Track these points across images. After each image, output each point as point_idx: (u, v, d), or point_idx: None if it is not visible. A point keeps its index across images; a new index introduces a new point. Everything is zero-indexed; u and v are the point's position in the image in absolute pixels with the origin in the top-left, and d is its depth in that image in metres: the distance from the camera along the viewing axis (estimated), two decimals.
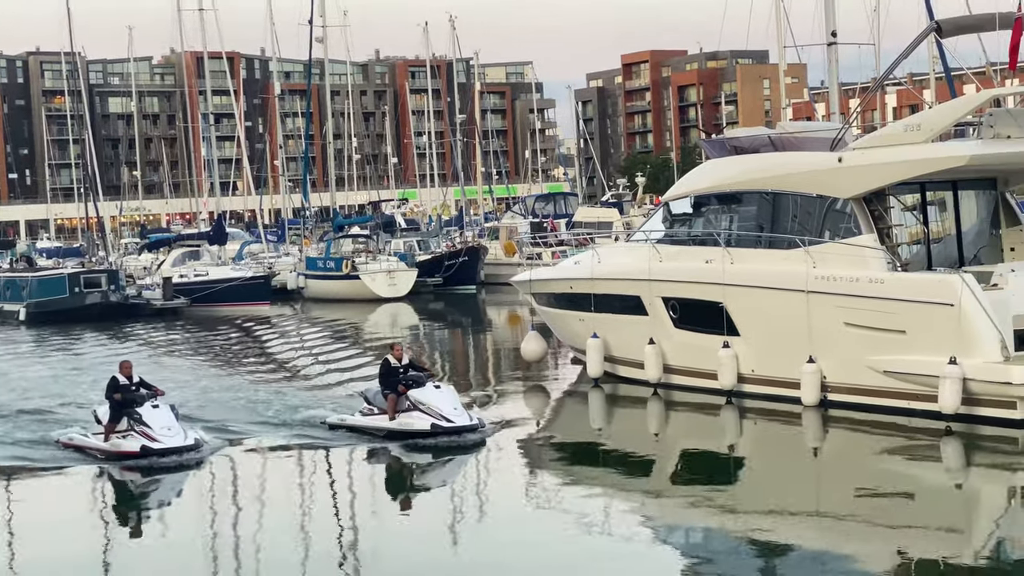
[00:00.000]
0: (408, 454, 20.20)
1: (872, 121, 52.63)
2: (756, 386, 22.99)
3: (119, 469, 19.80)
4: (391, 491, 18.82)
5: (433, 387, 21.17)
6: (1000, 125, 21.01)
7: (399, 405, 21.01)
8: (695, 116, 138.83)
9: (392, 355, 21.61)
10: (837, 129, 23.35)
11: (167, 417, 20.37)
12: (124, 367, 20.95)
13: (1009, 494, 17.23)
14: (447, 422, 20.47)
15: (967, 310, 19.84)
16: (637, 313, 25.21)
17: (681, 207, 25.81)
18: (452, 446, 20.17)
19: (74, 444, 21.21)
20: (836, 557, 14.01)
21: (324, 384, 27.63)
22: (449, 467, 19.80)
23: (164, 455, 19.75)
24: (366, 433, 21.29)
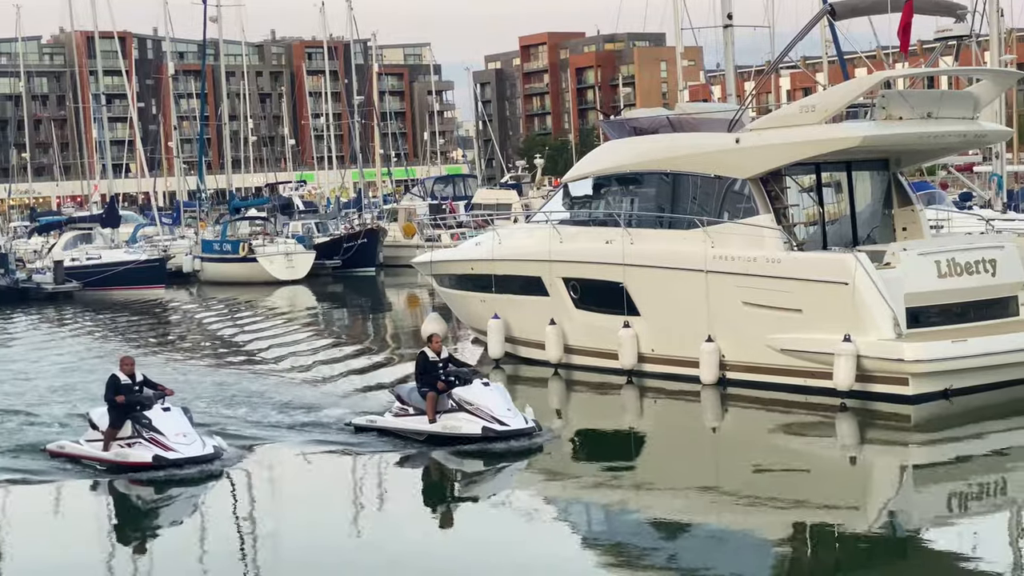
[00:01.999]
0: (456, 461, 17.81)
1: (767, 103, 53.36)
2: (656, 365, 23.22)
3: (126, 482, 17.16)
4: (439, 505, 16.41)
5: (481, 384, 18.72)
6: (892, 107, 21.42)
7: (440, 405, 18.66)
8: (593, 98, 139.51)
9: (430, 348, 19.13)
10: (734, 111, 23.61)
11: (181, 422, 17.66)
12: (125, 363, 18.11)
13: (901, 469, 17.62)
14: (500, 425, 18.11)
15: (861, 289, 20.22)
16: (538, 294, 25.29)
17: (581, 188, 25.92)
18: (504, 452, 17.85)
19: (66, 453, 18.33)
20: (735, 532, 14.22)
21: (280, 373, 26.43)
22: (502, 477, 17.46)
23: (180, 466, 17.06)
24: (400, 436, 18.86)
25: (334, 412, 20.94)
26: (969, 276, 21.12)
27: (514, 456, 17.79)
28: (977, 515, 14.76)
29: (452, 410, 18.50)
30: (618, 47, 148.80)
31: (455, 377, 18.82)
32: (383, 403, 20.83)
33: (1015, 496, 15.55)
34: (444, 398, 18.59)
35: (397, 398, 19.54)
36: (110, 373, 18.28)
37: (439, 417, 18.50)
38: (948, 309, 21.03)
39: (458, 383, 18.68)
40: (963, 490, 15.72)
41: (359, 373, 26.23)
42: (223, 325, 38.08)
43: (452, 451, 18.02)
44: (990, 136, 26.45)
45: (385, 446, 18.61)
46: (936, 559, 13.05)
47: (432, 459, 17.99)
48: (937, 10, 24.13)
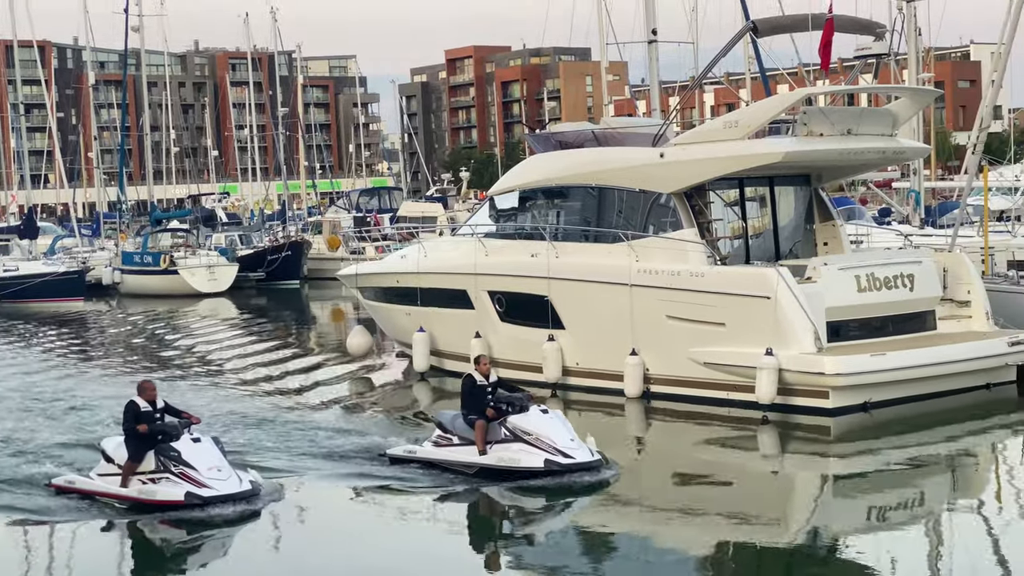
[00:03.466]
0: (511, 497, 16.11)
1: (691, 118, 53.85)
2: (580, 378, 23.29)
3: (153, 523, 15.19)
4: (501, 547, 14.72)
5: (540, 412, 16.97)
6: (813, 123, 21.70)
7: (490, 434, 17.04)
8: (519, 111, 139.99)
9: (477, 371, 17.43)
10: (659, 125, 23.81)
11: (214, 454, 15.70)
12: (145, 389, 16.09)
13: (822, 481, 17.82)
14: (564, 457, 16.35)
15: (782, 303, 20.44)
16: (463, 307, 25.27)
17: (506, 201, 25.96)
18: (561, 487, 16.11)
19: (76, 489, 16.34)
20: (658, 545, 14.29)
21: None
22: (567, 516, 15.79)
23: (215, 504, 15.16)
24: (445, 469, 17.18)
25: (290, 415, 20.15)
26: (888, 291, 21.44)
27: (577, 492, 16.06)
28: (895, 526, 14.96)
29: (506, 440, 16.79)
30: (544, 61, 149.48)
31: (507, 403, 17.02)
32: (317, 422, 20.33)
33: (932, 507, 15.79)
34: (495, 427, 16.91)
35: (438, 426, 17.72)
36: (129, 400, 16.20)
37: (490, 448, 16.80)
38: (868, 323, 21.34)
39: (511, 410, 16.94)
40: (882, 501, 15.91)
41: (277, 383, 26.00)
42: (144, 338, 37.59)
43: (509, 487, 16.27)
44: (908, 153, 26.95)
45: (428, 480, 16.88)
46: (856, 570, 13.20)
47: (485, 495, 16.25)
48: (857, 29, 24.51)
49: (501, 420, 16.89)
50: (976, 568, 12.66)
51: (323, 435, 19.94)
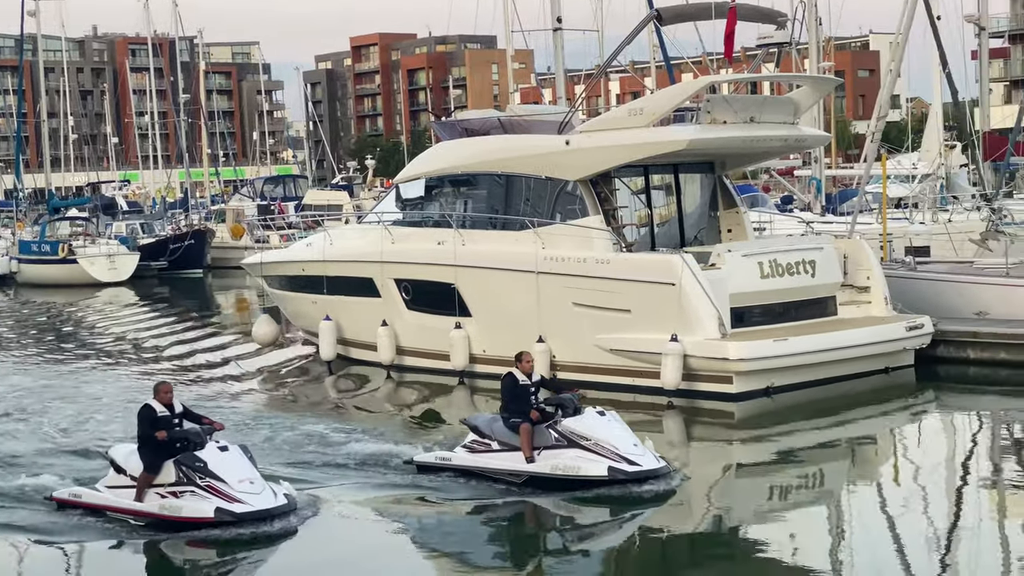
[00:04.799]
0: (570, 509, 14.67)
1: (597, 106, 54.10)
2: (488, 366, 23.28)
3: (180, 542, 13.58)
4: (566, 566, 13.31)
5: (596, 414, 15.53)
6: (716, 111, 21.91)
7: (539, 439, 15.35)
8: (425, 99, 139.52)
9: (519, 368, 15.79)
10: (564, 113, 23.87)
11: (244, 465, 13.99)
12: (161, 391, 14.37)
13: (724, 467, 17.99)
14: (630, 464, 14.91)
15: (687, 289, 20.62)
16: (370, 295, 25.15)
17: (413, 189, 25.86)
18: (628, 498, 14.71)
19: (82, 503, 14.68)
20: (558, 530, 14.33)
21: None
22: (634, 532, 14.36)
23: (249, 521, 13.55)
24: (484, 478, 15.66)
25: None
26: (790, 277, 21.75)
27: (641, 503, 14.65)
28: (797, 508, 15.20)
29: (558, 445, 15.21)
30: (449, 49, 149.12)
31: (558, 406, 15.52)
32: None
33: (832, 489, 16.07)
34: (542, 430, 15.36)
35: (473, 430, 16.10)
36: (143, 403, 14.52)
37: (538, 455, 15.28)
38: (770, 309, 21.62)
39: (561, 412, 15.45)
40: (784, 484, 16.14)
41: (181, 374, 25.68)
42: (41, 329, 36.86)
43: (564, 497, 14.85)
44: (809, 140, 27.34)
45: (468, 490, 15.41)
46: (758, 551, 13.38)
47: (534, 506, 14.84)
48: (759, 18, 24.79)
49: (550, 423, 15.34)
50: (875, 548, 12.89)
51: (230, 427, 19.61)
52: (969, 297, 23.91)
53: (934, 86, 42.45)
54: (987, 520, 14.15)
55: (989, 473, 16.33)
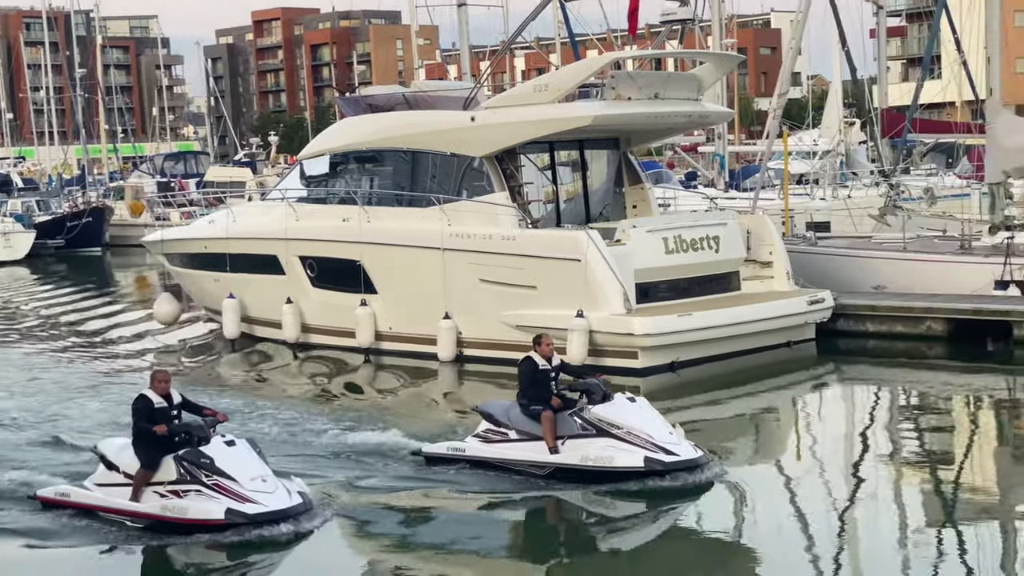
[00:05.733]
0: (602, 504, 13.65)
1: (502, 82, 54.04)
2: (394, 343, 23.22)
3: (185, 547, 12.41)
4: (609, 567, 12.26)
5: (626, 400, 14.52)
6: (622, 87, 22.00)
7: (562, 428, 14.32)
8: (329, 75, 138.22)
9: (538, 352, 14.66)
10: (469, 89, 23.79)
11: (254, 461, 12.81)
12: (158, 380, 13.17)
13: None
14: (667, 454, 13.87)
15: (592, 265, 20.71)
16: (274, 272, 24.90)
17: (317, 166, 25.62)
18: (660, 490, 13.71)
19: (70, 503, 13.46)
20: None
21: None
22: (671, 528, 13.38)
23: (262, 524, 12.33)
24: (501, 469, 14.62)
25: None
26: (694, 252, 21.95)
27: (673, 496, 13.68)
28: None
29: (585, 434, 14.21)
30: (353, 24, 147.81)
31: (583, 390, 14.55)
32: None
33: (736, 461, 16.18)
34: (565, 418, 14.38)
35: (486, 418, 15.05)
36: (138, 393, 13.36)
37: (562, 444, 14.30)
38: (675, 284, 21.81)
39: (587, 398, 14.44)
40: None
41: (79, 352, 25.23)
42: None
43: (593, 490, 13.87)
44: (713, 117, 27.59)
45: (484, 483, 14.39)
46: (659, 526, 13.35)
47: (561, 500, 13.86)
48: None
49: (575, 410, 14.38)
50: (779, 519, 13.05)
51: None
52: (868, 271, 24.37)
53: (834, 64, 43.00)
54: (884, 488, 14.42)
55: (886, 443, 16.68)
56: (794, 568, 11.71)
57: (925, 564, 11.69)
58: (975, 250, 23.79)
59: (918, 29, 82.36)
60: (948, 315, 22.34)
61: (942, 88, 37.73)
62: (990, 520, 12.83)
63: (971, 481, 15.02)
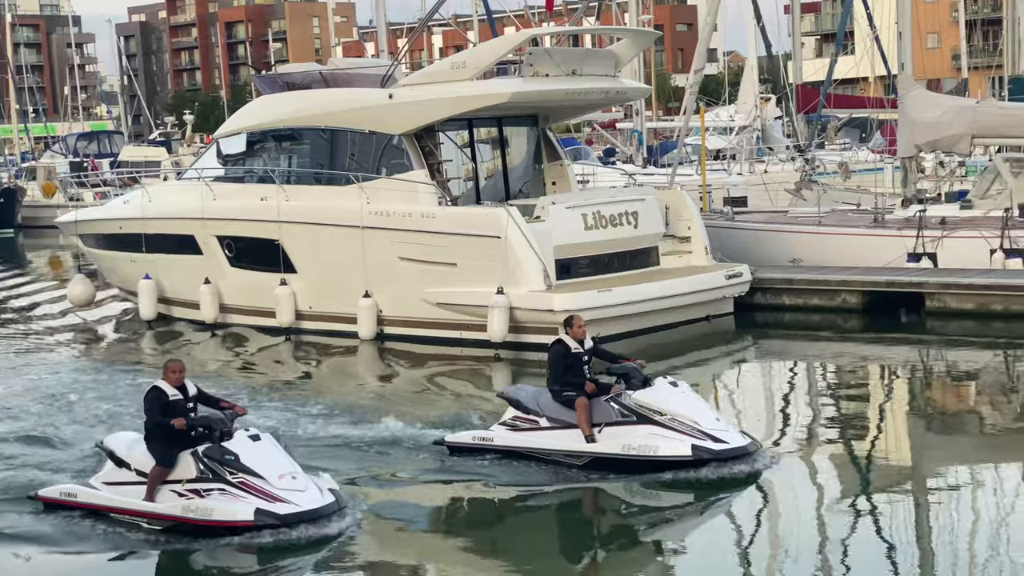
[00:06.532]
0: (647, 495, 12.87)
1: (420, 60, 53.83)
2: (314, 322, 23.13)
3: (209, 550, 11.43)
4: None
5: (668, 385, 13.68)
6: (539, 64, 22.02)
7: (598, 415, 13.54)
8: (244, 53, 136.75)
9: (570, 334, 13.85)
10: (387, 66, 23.68)
11: (281, 457, 11.90)
12: (172, 371, 12.20)
13: None
14: (715, 442, 13.07)
15: (512, 242, 20.76)
16: (191, 252, 24.64)
17: (234, 145, 25.35)
18: (705, 481, 12.91)
19: (77, 503, 12.45)
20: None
21: None
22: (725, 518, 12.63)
23: (294, 525, 11.42)
24: (531, 459, 13.80)
25: None
26: (613, 228, 22.06)
27: (717, 488, 12.87)
28: None
29: (624, 421, 13.39)
30: (269, 1, 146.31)
31: (622, 375, 13.72)
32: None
33: None
34: (601, 404, 13.57)
35: (514, 404, 14.24)
36: (150, 385, 12.44)
37: (598, 432, 13.48)
38: (595, 260, 21.92)
39: (626, 383, 13.64)
40: None
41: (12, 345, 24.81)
42: None
43: (633, 481, 13.07)
44: (630, 93, 27.72)
45: (512, 474, 13.58)
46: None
47: (599, 491, 13.10)
48: None
49: (611, 396, 13.57)
50: (698, 490, 13.07)
51: (57, 394, 18.96)
52: (784, 245, 24.69)
53: (749, 40, 43.41)
54: (798, 458, 14.59)
55: (806, 414, 16.91)
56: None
57: (841, 530, 11.84)
58: (888, 223, 24.18)
59: (831, 5, 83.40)
60: (862, 288, 22.72)
61: (855, 63, 38.24)
62: (904, 488, 13.02)
63: (886, 450, 15.32)
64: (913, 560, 10.93)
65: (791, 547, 11.43)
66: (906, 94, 25.10)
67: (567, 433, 13.59)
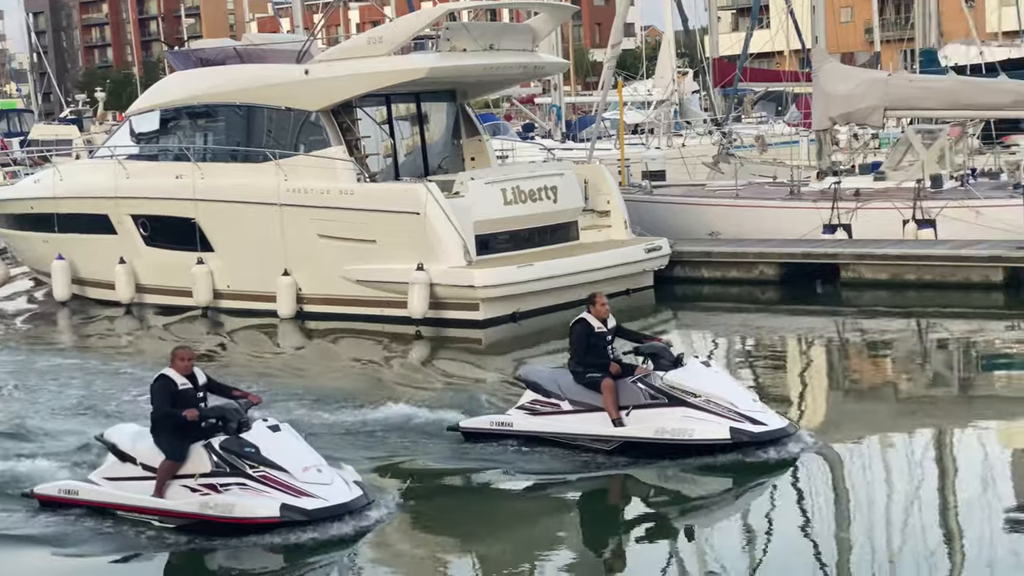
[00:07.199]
0: (680, 480, 12.24)
1: (336, 35, 53.39)
2: (232, 301, 22.92)
3: (225, 550, 10.69)
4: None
5: (701, 365, 13.03)
6: (457, 39, 21.93)
7: (625, 397, 12.83)
8: (157, 29, 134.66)
9: (592, 313, 13.12)
10: (303, 42, 23.45)
11: (303, 448, 11.23)
12: (180, 358, 11.41)
13: (476, 383, 17.90)
14: (754, 424, 12.42)
15: (432, 218, 20.70)
16: (105, 232, 24.30)
17: (147, 123, 24.96)
18: (737, 465, 12.29)
19: (79, 501, 11.61)
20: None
21: None
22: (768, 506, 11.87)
23: (322, 521, 10.71)
24: (554, 444, 13.08)
25: None
26: (533, 203, 22.08)
27: (755, 472, 12.22)
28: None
29: (654, 404, 12.68)
30: None
31: (651, 354, 13.02)
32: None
33: None
34: (628, 386, 12.87)
35: (532, 387, 13.54)
36: (157, 373, 11.55)
37: (626, 415, 12.78)
38: (515, 235, 21.94)
39: (654, 364, 12.94)
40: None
41: None
42: None
43: (665, 467, 12.42)
44: (548, 67, 27.70)
45: (536, 462, 12.86)
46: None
47: (628, 477, 12.45)
48: None
49: (639, 377, 12.89)
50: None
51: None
52: (703, 218, 24.88)
53: (666, 14, 43.60)
54: None
55: None
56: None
57: (761, 497, 11.96)
58: (804, 195, 24.45)
59: None
60: (779, 260, 22.99)
61: (771, 37, 38.53)
62: (820, 455, 13.06)
63: (805, 419, 15.47)
64: (828, 526, 11.04)
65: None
66: (820, 67, 25.35)
67: (592, 417, 12.90)
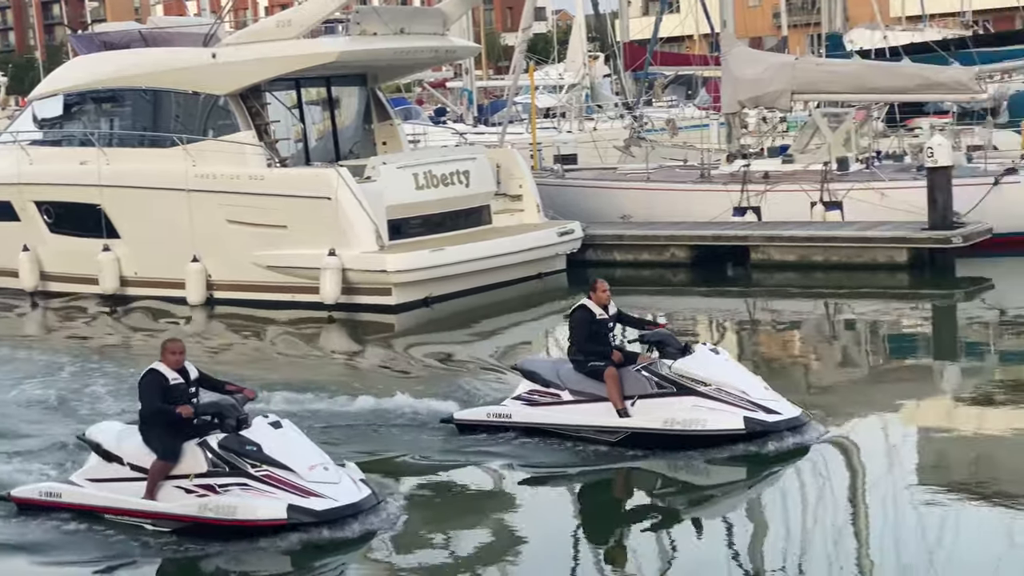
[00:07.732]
0: (694, 471, 11.77)
1: (244, 18, 52.76)
2: (140, 288, 22.63)
3: (224, 554, 10.00)
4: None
5: (709, 352, 12.52)
6: (367, 22, 21.79)
7: (630, 387, 12.34)
8: (60, 12, 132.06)
9: (593, 299, 12.62)
10: (210, 25, 23.15)
11: (307, 446, 10.61)
12: (171, 351, 10.76)
13: (386, 369, 17.76)
14: (768, 413, 11.98)
15: (343, 203, 20.57)
16: (8, 219, 23.89)
17: (50, 108, 24.53)
18: (748, 455, 11.85)
19: (63, 504, 10.88)
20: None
21: None
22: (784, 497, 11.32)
23: (331, 522, 10.10)
24: (553, 436, 12.57)
25: None
26: (445, 187, 22.04)
27: (763, 462, 11.78)
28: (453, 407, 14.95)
29: (662, 393, 12.20)
30: None
31: (656, 342, 12.55)
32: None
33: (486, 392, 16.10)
34: (631, 374, 12.38)
35: (529, 376, 13.03)
36: (147, 368, 10.87)
37: (631, 405, 12.26)
38: (427, 220, 21.89)
39: (660, 351, 12.45)
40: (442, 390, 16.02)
41: None
42: None
43: (672, 459, 11.93)
44: (459, 51, 27.65)
45: (539, 454, 12.40)
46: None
47: (632, 470, 11.98)
48: None
49: (643, 366, 12.42)
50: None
51: None
52: (614, 202, 25.00)
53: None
54: None
55: None
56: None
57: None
58: (714, 178, 24.66)
59: None
60: (690, 242, 23.20)
61: (680, 21, 38.82)
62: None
63: None
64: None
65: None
66: (729, 51, 25.56)
67: (595, 407, 12.40)
